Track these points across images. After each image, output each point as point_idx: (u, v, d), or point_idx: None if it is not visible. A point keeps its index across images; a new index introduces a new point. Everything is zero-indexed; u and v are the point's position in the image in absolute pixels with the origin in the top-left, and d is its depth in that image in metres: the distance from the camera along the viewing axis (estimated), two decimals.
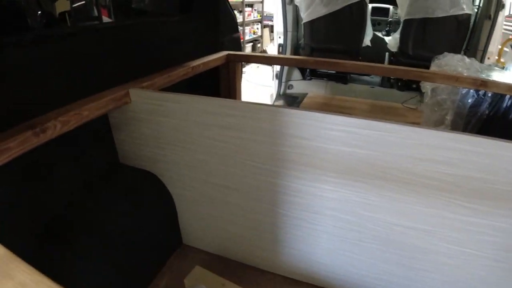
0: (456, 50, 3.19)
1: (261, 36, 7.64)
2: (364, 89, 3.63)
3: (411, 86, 3.60)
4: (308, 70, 3.62)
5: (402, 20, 3.39)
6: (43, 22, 1.47)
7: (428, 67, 3.41)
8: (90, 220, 1.11)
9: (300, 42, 3.67)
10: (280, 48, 3.43)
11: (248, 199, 1.21)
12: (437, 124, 2.33)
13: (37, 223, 1.03)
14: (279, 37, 3.41)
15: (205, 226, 1.39)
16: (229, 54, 1.85)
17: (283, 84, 3.57)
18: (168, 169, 1.27)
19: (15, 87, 0.94)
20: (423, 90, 2.52)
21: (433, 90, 2.36)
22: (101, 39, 1.20)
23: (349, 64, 1.77)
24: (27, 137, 0.84)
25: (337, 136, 0.98)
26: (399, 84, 3.66)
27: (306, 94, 3.58)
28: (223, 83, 1.96)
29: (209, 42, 1.83)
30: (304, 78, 3.67)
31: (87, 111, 1.00)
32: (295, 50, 3.54)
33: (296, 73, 3.63)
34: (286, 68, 3.41)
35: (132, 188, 1.28)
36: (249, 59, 1.85)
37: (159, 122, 1.16)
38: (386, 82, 3.72)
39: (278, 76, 3.51)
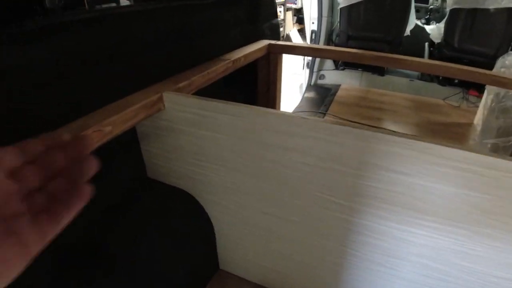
0: (504, 45, 2.88)
1: (284, 20, 7.25)
2: (403, 82, 3.32)
3: (453, 81, 3.31)
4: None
5: (448, 9, 3.06)
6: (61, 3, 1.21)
7: (474, 62, 3.12)
8: (115, 247, 0.89)
9: (333, 29, 3.36)
10: (313, 34, 3.12)
11: (310, 234, 0.98)
12: (500, 132, 2.03)
13: (54, 253, 0.80)
14: (312, 23, 3.11)
15: (249, 254, 1.16)
16: (270, 44, 1.57)
17: (314, 74, 3.28)
18: (208, 191, 1.02)
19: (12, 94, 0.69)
20: (487, 92, 2.20)
21: (497, 94, 2.05)
22: (123, 26, 0.93)
23: (421, 63, 1.47)
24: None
25: (447, 174, 0.73)
26: (440, 78, 3.35)
27: (339, 85, 3.28)
28: (261, 77, 1.68)
29: (248, 30, 1.55)
30: (337, 68, 3.37)
31: (111, 125, 0.75)
32: (329, 37, 3.24)
33: (329, 63, 3.33)
34: None
35: (164, 208, 1.04)
36: (293, 50, 1.57)
37: (202, 137, 0.90)
38: (426, 75, 3.40)
39: (310, 65, 3.22)
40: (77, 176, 0.34)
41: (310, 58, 3.18)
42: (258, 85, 1.71)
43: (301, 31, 6.90)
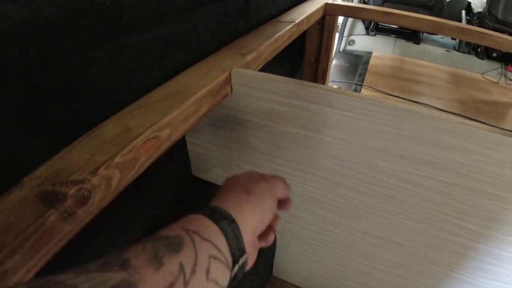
0: None
1: None
2: (439, 52, 3.01)
3: (491, 54, 3.04)
4: (372, 23, 2.97)
5: None
6: None
7: None
8: None
9: None
10: None
11: (413, 257, 0.75)
12: None
13: None
14: None
15: (317, 267, 0.93)
16: (327, 3, 1.26)
17: (344, 38, 2.95)
18: None
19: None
20: None
21: None
22: None
23: (502, 38, 1.19)
24: (46, 230, 0.33)
25: None
26: (479, 50, 3.06)
27: (371, 53, 2.96)
28: (310, 45, 1.39)
29: None
30: (368, 33, 3.03)
31: (169, 127, 0.48)
32: None
33: (360, 27, 2.99)
34: (350, 20, 2.77)
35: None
36: (357, 13, 1.27)
37: (284, 134, 0.64)
38: (465, 46, 3.09)
39: (340, 29, 2.88)
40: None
41: (340, 20, 2.84)
42: (306, 54, 1.42)
43: None
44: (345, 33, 2.92)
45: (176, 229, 0.32)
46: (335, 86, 2.07)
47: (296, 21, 0.95)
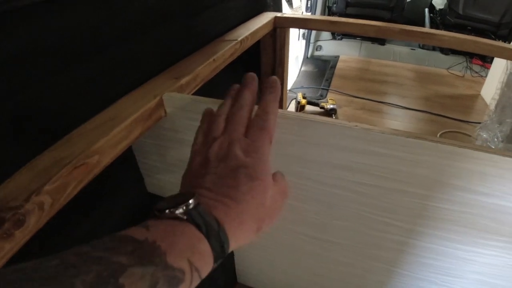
0: (508, 13, 2.74)
1: None
2: (404, 51, 3.11)
3: (455, 48, 3.13)
4: None
5: None
6: None
7: (480, 30, 2.93)
8: None
9: None
10: (309, 2, 2.85)
11: (357, 255, 0.80)
12: None
13: None
14: None
15: (273, 270, 0.97)
16: (276, 17, 1.33)
17: (311, 45, 3.03)
18: None
19: None
20: (508, 66, 2.02)
21: None
22: (98, 6, 0.66)
23: (446, 36, 1.27)
24: None
25: None
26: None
27: (338, 56, 3.04)
28: (265, 57, 1.45)
29: (251, 0, 1.29)
30: (334, 38, 3.12)
31: (97, 154, 0.53)
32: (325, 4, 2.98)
33: (326, 33, 3.08)
34: None
35: None
36: (305, 24, 1.33)
37: None
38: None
39: (306, 36, 2.96)
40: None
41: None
42: (262, 66, 1.48)
43: None
44: (312, 40, 3.01)
45: (181, 259, 0.29)
46: (300, 94, 2.13)
47: (239, 39, 1.01)
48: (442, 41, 1.30)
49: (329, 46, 3.08)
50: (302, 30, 2.89)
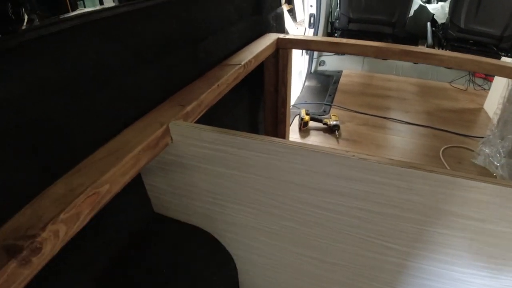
0: (510, 26, 2.75)
1: None
2: (406, 65, 3.14)
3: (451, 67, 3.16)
4: None
5: None
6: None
7: (482, 43, 2.96)
8: None
9: (330, 10, 3.15)
10: (312, 18, 2.90)
11: (354, 275, 0.82)
12: None
13: None
14: (311, 6, 2.88)
15: None
16: (279, 38, 1.37)
17: (314, 60, 3.07)
18: (231, 230, 0.85)
19: None
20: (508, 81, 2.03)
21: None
22: (109, 34, 0.69)
23: (446, 56, 1.29)
24: (9, 275, 0.42)
25: None
26: None
27: (341, 71, 3.08)
28: (268, 76, 1.48)
29: (252, 23, 1.34)
30: (337, 53, 3.16)
31: (108, 183, 0.56)
32: (328, 21, 3.03)
33: None
34: None
35: (181, 252, 0.86)
36: (307, 45, 1.37)
37: (222, 175, 0.72)
38: None
39: (309, 52, 3.00)
40: None
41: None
42: (265, 85, 1.51)
43: (291, 11, 6.59)
44: (315, 55, 3.05)
45: None
46: (303, 110, 2.16)
47: (242, 63, 1.05)
48: (442, 61, 1.33)
49: (332, 61, 3.13)
50: None
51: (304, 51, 2.99)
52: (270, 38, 1.34)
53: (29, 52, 0.54)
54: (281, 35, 1.39)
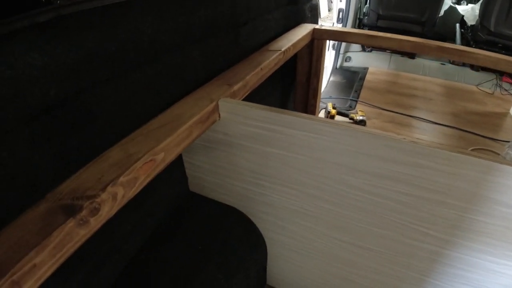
0: None
1: None
2: (433, 66, 3.09)
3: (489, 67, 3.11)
4: None
5: None
6: None
7: (509, 47, 2.90)
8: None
9: (359, 6, 3.12)
10: (340, 13, 2.89)
11: (388, 263, 0.82)
12: None
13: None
14: (340, 1, 2.86)
15: (304, 274, 1.01)
16: (315, 29, 1.37)
17: (340, 56, 3.05)
18: (267, 212, 0.86)
19: None
20: None
21: None
22: (152, 16, 0.70)
23: (481, 55, 1.28)
24: (66, 234, 0.44)
25: None
26: None
27: (367, 68, 3.06)
28: (302, 66, 1.49)
29: (289, 12, 1.34)
30: (364, 49, 3.14)
31: (163, 152, 0.58)
32: (356, 16, 3.01)
33: (355, 44, 3.10)
34: None
35: (216, 231, 0.88)
36: (343, 37, 1.37)
37: (267, 154, 0.73)
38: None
39: (335, 47, 2.99)
40: None
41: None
42: (297, 75, 1.52)
43: None
44: (342, 51, 3.03)
45: None
46: (329, 104, 2.16)
47: (282, 49, 1.06)
48: (477, 60, 1.32)
49: (358, 58, 3.11)
50: (332, 41, 2.92)
51: (330, 46, 2.98)
52: (306, 28, 1.35)
53: (83, 23, 0.56)
54: (317, 26, 1.40)
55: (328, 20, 4.75)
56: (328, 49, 3.03)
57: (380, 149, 0.61)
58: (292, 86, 1.57)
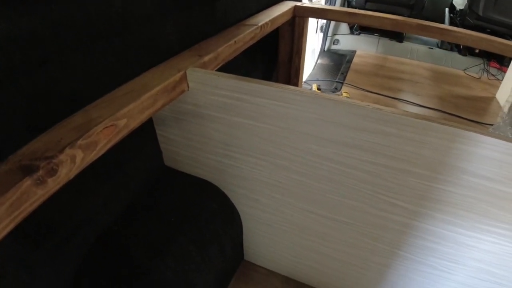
0: None
1: None
2: (421, 50, 3.09)
3: (473, 50, 3.12)
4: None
5: None
6: None
7: (499, 33, 2.91)
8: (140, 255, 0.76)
9: None
10: None
11: (359, 235, 0.83)
12: None
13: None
14: None
15: (279, 248, 1.02)
16: (296, 6, 1.35)
17: (328, 38, 3.03)
18: (240, 185, 0.86)
19: None
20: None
21: None
22: None
23: (462, 33, 1.28)
24: (22, 192, 0.43)
25: None
26: (461, 47, 3.14)
27: (355, 51, 3.05)
28: (283, 45, 1.48)
29: None
30: (352, 32, 3.12)
31: (125, 117, 0.57)
32: None
33: (344, 27, 3.08)
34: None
35: (190, 205, 0.88)
36: (324, 14, 1.36)
37: (236, 124, 0.72)
38: (446, 43, 3.17)
39: (324, 29, 2.97)
40: None
41: (324, 21, 2.93)
42: (279, 54, 1.51)
43: None
44: (330, 33, 3.01)
45: None
46: (314, 84, 2.16)
47: (259, 24, 1.04)
48: (458, 38, 1.32)
49: (346, 41, 3.09)
50: (320, 23, 2.90)
51: (318, 28, 2.95)
52: (287, 5, 1.33)
53: None
54: (298, 3, 1.38)
55: (319, 3, 4.71)
56: (316, 32, 3.01)
57: (345, 117, 0.61)
58: (274, 66, 1.55)
